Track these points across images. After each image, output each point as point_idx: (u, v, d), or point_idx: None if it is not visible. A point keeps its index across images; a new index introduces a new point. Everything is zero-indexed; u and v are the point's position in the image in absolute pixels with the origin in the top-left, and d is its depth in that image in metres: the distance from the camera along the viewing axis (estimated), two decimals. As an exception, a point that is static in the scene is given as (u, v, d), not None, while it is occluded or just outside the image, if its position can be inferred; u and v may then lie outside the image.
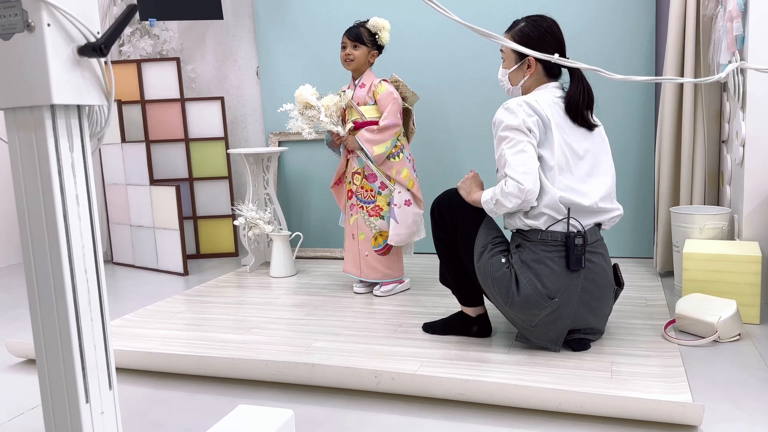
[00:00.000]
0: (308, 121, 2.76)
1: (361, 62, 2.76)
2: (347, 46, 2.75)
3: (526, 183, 1.88)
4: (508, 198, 1.91)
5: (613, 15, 3.18)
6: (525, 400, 1.63)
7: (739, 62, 1.33)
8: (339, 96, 2.83)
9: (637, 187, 3.26)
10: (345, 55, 2.75)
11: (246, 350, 2.18)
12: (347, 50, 2.75)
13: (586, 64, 1.20)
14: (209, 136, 3.79)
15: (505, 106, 1.97)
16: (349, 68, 2.78)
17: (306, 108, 2.75)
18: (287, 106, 2.80)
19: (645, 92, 3.21)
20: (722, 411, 1.61)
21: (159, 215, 3.51)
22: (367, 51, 2.76)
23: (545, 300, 1.93)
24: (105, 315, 1.05)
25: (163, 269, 3.56)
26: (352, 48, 2.74)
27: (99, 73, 0.98)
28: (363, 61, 2.76)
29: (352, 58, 2.74)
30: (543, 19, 2.04)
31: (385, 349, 2.14)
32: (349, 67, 2.78)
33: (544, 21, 2.03)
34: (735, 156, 2.54)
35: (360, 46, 2.73)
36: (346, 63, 2.77)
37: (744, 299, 2.24)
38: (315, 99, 2.74)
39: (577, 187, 1.96)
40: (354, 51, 2.74)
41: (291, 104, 2.81)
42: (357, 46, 2.73)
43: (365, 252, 2.83)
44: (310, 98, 2.73)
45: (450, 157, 3.54)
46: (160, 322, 2.58)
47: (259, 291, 3.03)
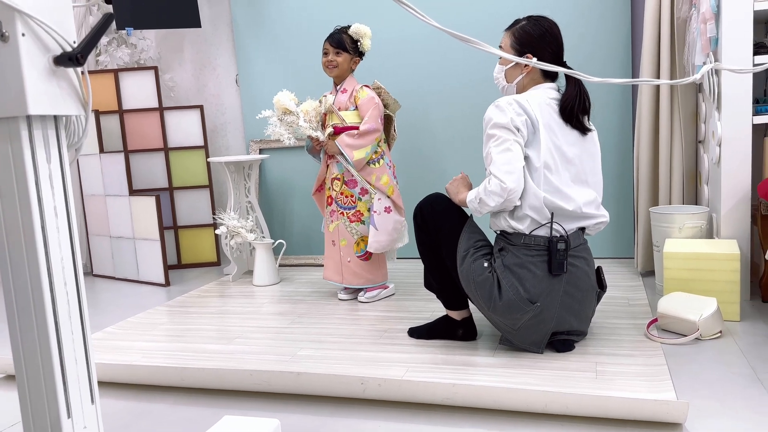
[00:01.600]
0: (287, 126, 2.75)
1: (343, 68, 2.76)
2: (329, 53, 2.74)
3: (508, 182, 1.89)
4: (491, 196, 1.91)
5: (588, 18, 3.22)
6: (512, 402, 1.64)
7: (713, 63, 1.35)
8: (319, 102, 2.82)
9: (616, 188, 3.29)
10: (327, 61, 2.75)
11: (230, 360, 2.16)
12: (329, 56, 2.74)
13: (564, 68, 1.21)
14: (189, 145, 3.76)
15: (495, 103, 1.98)
16: (331, 75, 2.78)
17: (285, 114, 2.74)
18: (266, 113, 2.79)
19: (622, 94, 3.25)
20: (706, 408, 1.62)
21: (139, 226, 3.47)
22: (349, 57, 2.76)
23: (527, 304, 1.94)
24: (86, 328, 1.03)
25: (144, 280, 3.52)
26: (334, 54, 2.74)
27: (76, 82, 0.97)
28: (345, 68, 2.76)
29: (335, 65, 2.74)
30: (544, 19, 2.05)
31: (371, 355, 2.13)
32: (332, 74, 2.77)
33: (545, 21, 2.05)
34: (712, 156, 2.58)
35: (342, 53, 2.74)
36: (329, 69, 2.76)
37: (724, 296, 2.27)
38: (294, 104, 2.73)
39: (561, 190, 1.96)
40: (336, 57, 2.74)
41: (270, 110, 2.80)
42: (339, 53, 2.73)
43: (347, 258, 2.82)
44: (288, 104, 2.72)
45: (433, 165, 3.54)
46: (142, 334, 2.55)
47: (243, 300, 3.00)
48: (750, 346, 2.04)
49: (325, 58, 2.76)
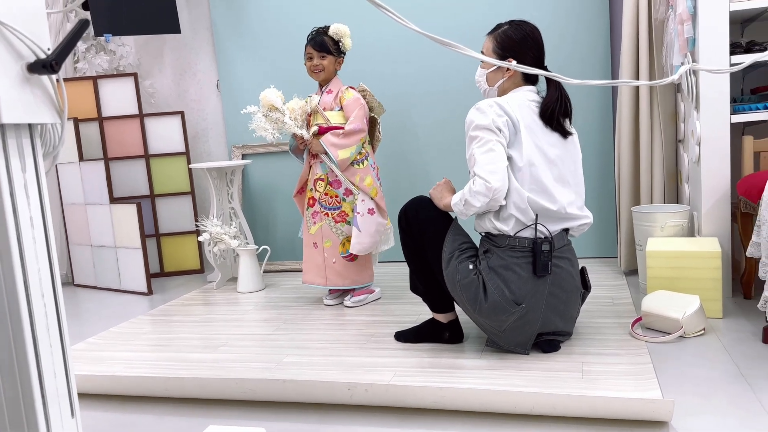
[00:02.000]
0: (272, 123, 2.73)
1: (329, 71, 2.76)
2: (314, 57, 2.73)
3: (493, 181, 1.89)
4: (476, 197, 1.91)
5: (567, 21, 3.24)
6: (499, 404, 1.63)
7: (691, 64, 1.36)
8: (305, 101, 2.81)
9: (598, 189, 3.31)
10: (313, 65, 2.74)
11: (215, 369, 2.14)
12: (315, 61, 2.73)
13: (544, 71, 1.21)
14: (170, 152, 3.72)
15: (476, 106, 1.99)
16: (318, 79, 2.78)
17: (271, 110, 2.73)
18: (251, 108, 2.77)
19: (602, 95, 3.27)
20: (691, 405, 1.63)
21: (120, 234, 3.43)
22: (333, 59, 2.76)
23: (512, 306, 1.94)
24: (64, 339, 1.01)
25: (126, 289, 3.47)
26: (319, 58, 2.73)
27: (51, 90, 0.95)
28: (331, 70, 2.77)
29: (321, 69, 2.74)
30: (526, 24, 2.07)
31: (358, 360, 2.12)
32: (318, 78, 2.77)
33: (526, 25, 2.06)
34: (692, 155, 2.60)
35: (327, 56, 2.73)
36: (315, 74, 2.76)
37: (706, 294, 2.29)
38: (280, 102, 2.72)
39: (545, 189, 1.97)
40: (322, 61, 2.73)
41: (255, 106, 2.78)
42: (324, 56, 2.73)
43: (332, 259, 2.80)
44: (275, 100, 2.71)
45: (416, 168, 3.54)
46: (124, 344, 2.51)
47: (227, 307, 2.98)
48: (733, 342, 2.06)
49: (310, 63, 2.75)
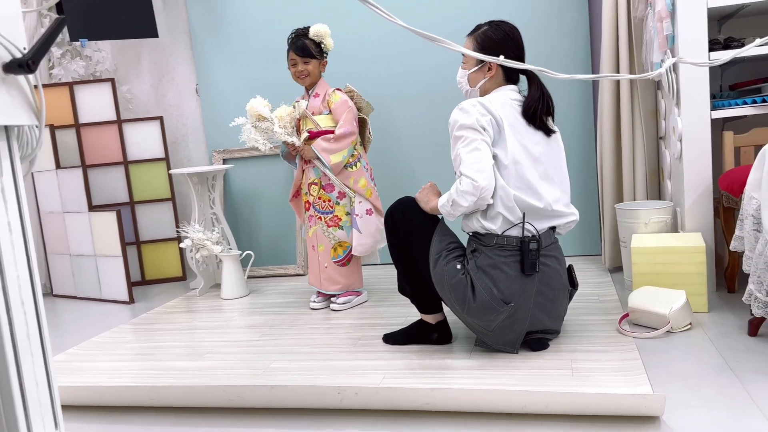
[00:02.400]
0: (262, 133, 2.71)
1: (315, 74, 2.74)
2: (298, 63, 2.71)
3: (480, 180, 1.88)
4: (464, 196, 1.91)
5: (547, 20, 3.25)
6: (491, 404, 1.62)
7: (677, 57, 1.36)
8: (293, 107, 2.79)
9: (580, 187, 3.33)
10: (298, 72, 2.72)
11: (201, 377, 2.10)
12: (299, 67, 2.71)
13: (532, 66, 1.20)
14: (149, 158, 3.67)
15: (459, 106, 1.98)
16: (304, 84, 2.76)
17: (259, 120, 2.70)
18: (239, 120, 2.74)
19: (583, 94, 3.29)
20: (682, 399, 1.64)
21: (100, 242, 3.37)
22: (317, 63, 2.74)
23: (501, 305, 1.93)
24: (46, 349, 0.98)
25: (107, 299, 3.41)
26: (303, 64, 2.70)
27: (27, 91, 0.92)
28: (316, 73, 2.75)
29: (307, 74, 2.72)
30: (505, 24, 2.07)
31: (347, 364, 2.10)
32: (305, 83, 2.75)
33: (506, 25, 2.07)
34: (673, 151, 2.62)
35: (310, 60, 2.71)
36: (301, 79, 2.74)
37: (692, 289, 2.30)
38: (267, 110, 2.70)
39: (531, 187, 1.97)
40: (306, 66, 2.71)
41: (243, 118, 2.75)
42: (308, 61, 2.70)
43: (324, 264, 2.79)
44: (262, 110, 2.68)
45: (402, 169, 3.53)
46: (107, 353, 2.46)
47: (211, 314, 2.93)
48: (720, 336, 2.07)
49: (294, 69, 2.72)
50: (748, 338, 2.02)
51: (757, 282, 1.93)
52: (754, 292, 1.95)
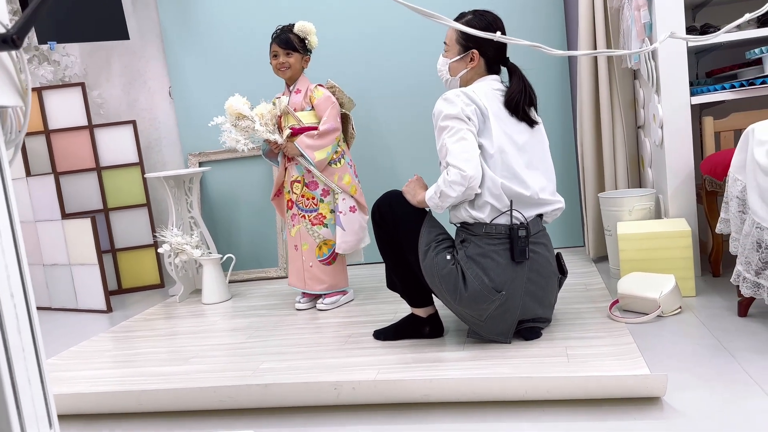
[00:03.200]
0: (243, 132, 2.65)
1: (296, 69, 2.69)
2: (279, 55, 2.66)
3: (467, 169, 1.86)
4: (452, 186, 1.89)
5: (523, 12, 3.27)
6: (491, 392, 1.59)
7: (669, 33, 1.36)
8: (273, 104, 2.73)
9: (562, 178, 3.33)
10: (279, 63, 2.67)
11: (188, 381, 2.03)
12: (280, 59, 2.66)
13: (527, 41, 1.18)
14: (123, 163, 3.58)
15: (443, 96, 1.97)
16: (284, 77, 2.70)
17: (239, 119, 2.64)
18: (218, 119, 2.68)
19: (561, 85, 3.30)
20: (681, 380, 1.63)
21: (74, 251, 3.26)
22: (300, 57, 2.69)
23: (493, 293, 1.91)
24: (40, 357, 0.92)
25: (83, 308, 3.30)
26: (285, 56, 2.66)
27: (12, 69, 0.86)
28: (297, 68, 2.70)
29: (288, 66, 2.67)
30: (488, 13, 2.06)
31: (338, 361, 2.05)
32: (285, 76, 2.70)
33: (489, 14, 2.06)
34: (654, 138, 2.64)
35: (293, 53, 2.66)
36: (281, 71, 2.69)
37: (679, 273, 2.31)
38: (247, 108, 2.64)
39: (518, 174, 1.96)
40: (288, 59, 2.66)
41: (222, 117, 2.69)
42: (290, 53, 2.66)
43: (309, 263, 2.73)
44: (242, 108, 2.62)
45: (385, 164, 3.50)
46: (87, 362, 2.37)
47: (193, 320, 2.86)
48: (710, 318, 2.08)
49: (276, 61, 2.68)
50: (738, 319, 2.04)
51: (745, 262, 1.94)
52: (742, 273, 1.96)
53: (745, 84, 2.42)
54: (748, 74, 2.55)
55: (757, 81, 2.40)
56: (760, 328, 1.93)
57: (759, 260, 1.88)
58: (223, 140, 2.68)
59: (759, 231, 1.86)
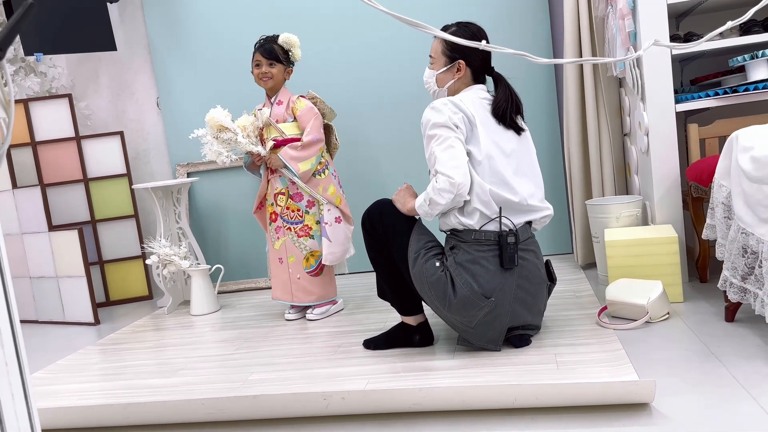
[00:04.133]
0: (225, 144, 2.63)
1: (278, 80, 2.69)
2: (262, 64, 2.66)
3: (456, 176, 1.88)
4: (441, 194, 1.89)
5: (509, 22, 3.29)
6: (481, 400, 1.59)
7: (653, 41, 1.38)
8: (254, 115, 2.73)
9: (549, 186, 3.35)
10: (261, 73, 2.66)
11: (176, 393, 2.02)
12: (263, 68, 2.66)
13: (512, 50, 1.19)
14: (110, 174, 3.56)
15: (431, 105, 1.98)
16: (266, 87, 2.69)
17: (220, 131, 2.62)
18: (199, 132, 2.66)
19: (548, 93, 3.32)
20: (669, 386, 1.64)
21: (62, 263, 3.24)
22: (283, 68, 2.69)
23: (482, 300, 1.92)
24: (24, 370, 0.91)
25: (70, 321, 3.27)
26: (268, 66, 2.65)
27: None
28: (280, 79, 2.69)
29: (270, 76, 2.66)
30: (472, 24, 2.09)
31: (328, 371, 2.04)
32: (267, 86, 2.69)
33: (473, 26, 2.09)
34: (640, 145, 2.66)
35: (276, 64, 2.66)
36: (263, 81, 2.68)
37: (666, 279, 2.33)
38: (229, 120, 2.62)
39: (507, 181, 1.97)
40: (271, 69, 2.66)
41: (203, 129, 2.67)
42: (273, 64, 2.66)
43: (297, 275, 2.72)
44: (223, 120, 2.61)
45: (371, 174, 3.51)
46: (74, 375, 2.35)
47: (181, 331, 2.84)
48: (698, 324, 2.09)
49: (258, 70, 2.67)
50: (725, 324, 2.05)
51: (732, 268, 1.96)
52: (729, 278, 1.98)
53: (729, 91, 2.45)
54: (731, 81, 2.58)
55: (740, 88, 2.43)
56: (747, 333, 1.95)
57: (745, 265, 1.90)
58: (204, 153, 2.66)
59: (744, 236, 1.88)
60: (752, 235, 1.84)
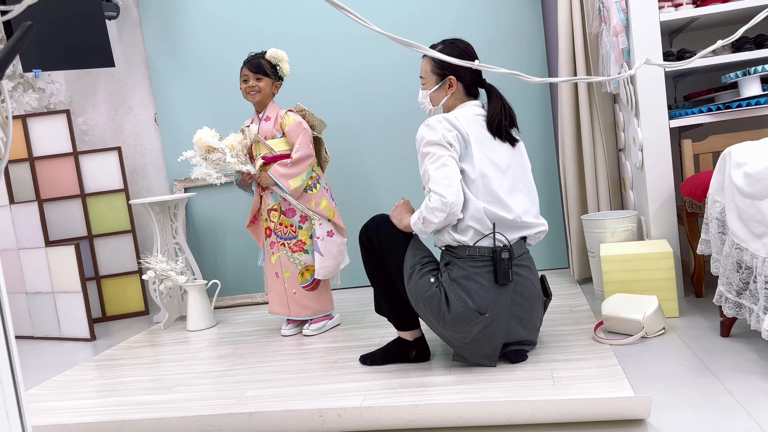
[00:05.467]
0: (214, 165, 2.63)
1: (266, 94, 2.69)
2: (249, 79, 2.67)
3: (448, 196, 1.89)
4: (434, 213, 1.91)
5: (504, 40, 3.32)
6: (478, 417, 1.59)
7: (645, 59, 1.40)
8: (242, 133, 2.73)
9: (545, 201, 3.37)
10: (248, 87, 2.67)
11: (172, 410, 2.01)
12: (250, 82, 2.67)
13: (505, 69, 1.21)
14: (108, 189, 3.56)
15: (425, 123, 2.00)
16: (253, 101, 2.70)
17: (209, 152, 2.62)
18: (188, 154, 2.66)
19: (542, 109, 3.35)
20: (665, 401, 1.64)
21: (58, 279, 3.23)
22: (270, 82, 2.70)
23: (476, 316, 1.92)
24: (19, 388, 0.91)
25: (67, 337, 3.26)
26: (255, 80, 2.66)
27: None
28: (267, 93, 2.70)
29: (257, 90, 2.67)
30: (459, 41, 2.11)
31: (325, 387, 2.04)
32: (254, 100, 2.69)
33: (460, 42, 2.11)
34: (635, 161, 2.68)
35: (263, 78, 2.67)
36: (250, 95, 2.68)
37: (662, 294, 2.33)
38: (216, 141, 2.62)
39: (501, 198, 1.98)
40: (258, 83, 2.66)
41: (191, 151, 2.67)
42: (260, 78, 2.67)
43: (293, 290, 2.72)
44: (211, 141, 2.60)
45: (368, 189, 3.52)
46: (70, 392, 2.34)
47: (178, 347, 2.83)
48: (693, 339, 2.09)
49: (245, 84, 2.68)
50: (721, 339, 2.05)
51: (727, 283, 1.97)
52: (724, 293, 1.99)
53: (722, 107, 2.47)
54: (724, 98, 2.61)
55: (733, 104, 2.45)
56: (742, 348, 1.95)
57: (740, 281, 1.91)
58: (195, 175, 2.66)
59: (739, 252, 1.89)
60: (746, 250, 1.85)
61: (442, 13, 3.37)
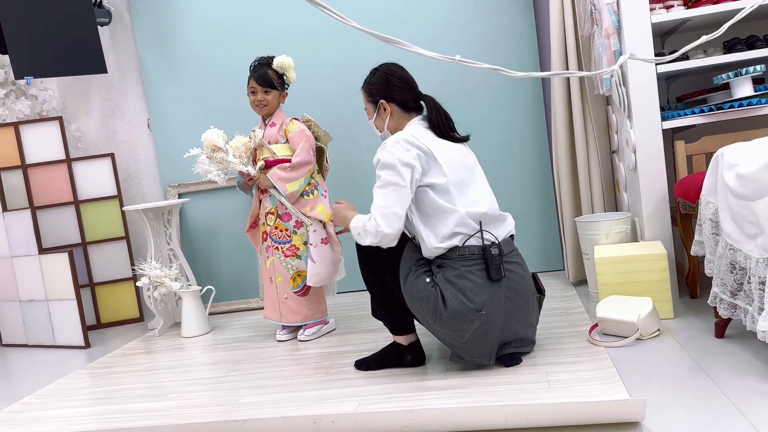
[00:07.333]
0: (217, 164, 2.66)
1: (273, 105, 2.72)
2: (258, 92, 2.68)
3: (383, 226, 1.95)
4: (368, 235, 1.99)
5: (497, 43, 3.33)
6: (472, 421, 1.59)
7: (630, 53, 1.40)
8: (249, 137, 2.75)
9: (539, 203, 3.37)
10: (257, 100, 2.69)
11: (166, 417, 2.00)
12: (258, 96, 2.68)
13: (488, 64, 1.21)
14: (101, 196, 3.55)
15: (382, 145, 2.04)
16: (262, 113, 2.73)
17: (214, 151, 2.66)
18: (194, 151, 2.69)
19: (536, 111, 3.35)
20: (660, 403, 1.64)
21: (52, 286, 3.22)
22: (278, 94, 2.72)
23: (473, 313, 1.93)
24: None
25: (61, 344, 3.25)
26: (263, 93, 2.68)
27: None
28: (275, 104, 2.73)
29: (265, 104, 2.69)
30: (382, 65, 2.18)
31: (319, 393, 2.03)
32: (262, 113, 2.72)
33: (382, 66, 2.18)
34: (628, 163, 2.68)
35: (271, 91, 2.68)
36: (259, 108, 2.71)
37: (657, 296, 2.33)
38: (222, 141, 2.65)
39: (476, 198, 2.03)
40: (266, 96, 2.68)
41: (198, 149, 2.70)
42: (268, 91, 2.68)
43: (284, 294, 2.71)
44: (217, 141, 2.64)
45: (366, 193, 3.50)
46: (63, 401, 2.33)
47: (172, 354, 2.82)
48: (688, 340, 2.09)
49: (254, 97, 2.69)
50: (715, 340, 2.05)
51: (721, 284, 1.97)
52: (718, 294, 1.99)
53: (714, 108, 2.48)
54: (716, 99, 2.61)
55: (725, 105, 2.46)
56: (737, 349, 1.95)
57: (734, 281, 1.91)
58: (198, 171, 2.70)
59: (732, 252, 1.89)
60: (740, 251, 1.85)
61: (432, 16, 3.37)
